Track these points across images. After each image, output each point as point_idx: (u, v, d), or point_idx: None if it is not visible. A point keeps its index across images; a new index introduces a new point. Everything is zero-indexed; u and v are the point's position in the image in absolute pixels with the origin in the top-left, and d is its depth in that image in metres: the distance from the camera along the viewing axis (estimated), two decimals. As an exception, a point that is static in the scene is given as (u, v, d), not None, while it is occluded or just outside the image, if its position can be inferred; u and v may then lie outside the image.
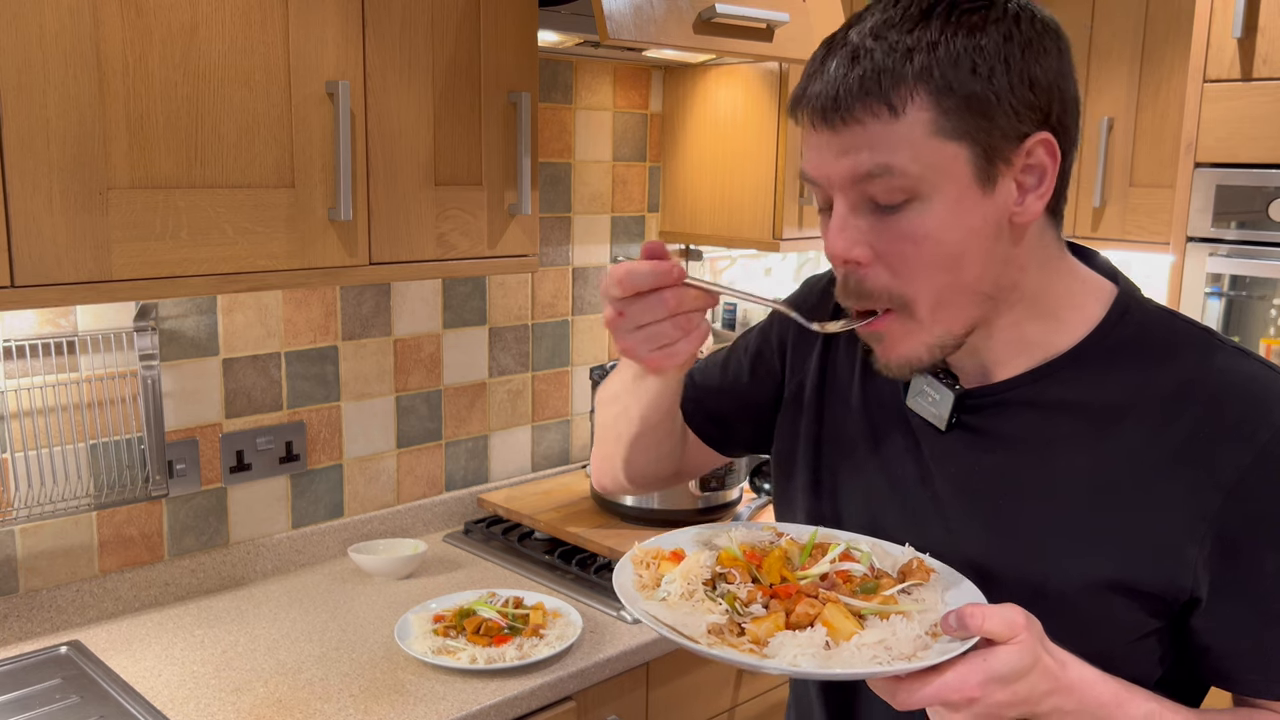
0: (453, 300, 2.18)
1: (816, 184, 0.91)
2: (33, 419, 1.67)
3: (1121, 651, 0.91)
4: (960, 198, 0.86)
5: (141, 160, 1.36)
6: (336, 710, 1.50)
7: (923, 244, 0.86)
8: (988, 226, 0.87)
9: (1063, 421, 0.93)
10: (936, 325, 0.90)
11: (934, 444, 0.99)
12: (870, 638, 0.81)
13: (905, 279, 0.88)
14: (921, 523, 0.99)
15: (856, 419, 1.07)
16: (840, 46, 0.86)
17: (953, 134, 0.84)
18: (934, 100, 0.83)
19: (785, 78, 2.23)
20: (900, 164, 0.84)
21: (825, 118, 0.86)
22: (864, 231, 0.88)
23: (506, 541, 2.11)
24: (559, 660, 1.64)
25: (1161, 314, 0.96)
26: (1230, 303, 2.11)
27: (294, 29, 1.46)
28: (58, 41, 1.26)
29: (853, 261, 0.89)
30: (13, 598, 1.69)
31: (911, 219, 0.86)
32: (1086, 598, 0.90)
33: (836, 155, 0.87)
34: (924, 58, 0.83)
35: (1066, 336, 0.94)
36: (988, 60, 0.83)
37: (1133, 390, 0.91)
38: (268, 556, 1.97)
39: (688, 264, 2.61)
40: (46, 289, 1.30)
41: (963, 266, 0.88)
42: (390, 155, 1.60)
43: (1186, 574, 0.88)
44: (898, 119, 0.83)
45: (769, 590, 0.87)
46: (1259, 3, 1.98)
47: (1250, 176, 2.03)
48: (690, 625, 0.84)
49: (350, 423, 2.06)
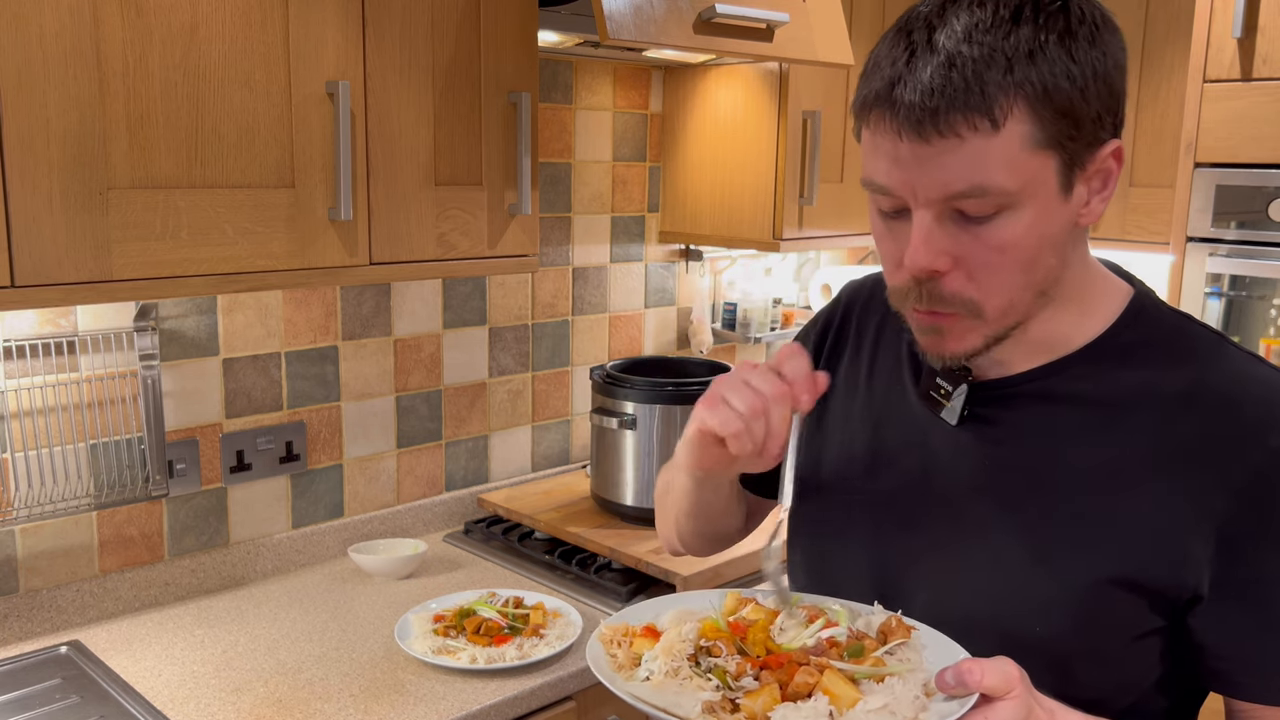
0: (453, 300, 2.18)
1: (893, 195, 0.86)
2: (33, 419, 1.67)
3: (1122, 650, 0.91)
4: (1045, 205, 0.85)
5: (141, 160, 1.36)
6: (336, 710, 1.50)
7: (1008, 252, 0.85)
8: (1061, 230, 0.87)
9: (1072, 415, 0.93)
10: (1000, 323, 0.90)
11: (943, 438, 0.99)
12: (874, 703, 0.79)
13: (982, 284, 0.87)
14: (926, 518, 0.99)
15: (861, 419, 1.07)
16: (929, 50, 0.81)
17: (1045, 144, 0.82)
18: (1032, 112, 0.81)
19: (785, 78, 2.23)
20: (998, 183, 0.82)
21: (918, 130, 0.81)
22: (947, 241, 0.85)
23: (506, 541, 2.11)
24: (559, 660, 1.64)
25: (1175, 316, 0.97)
26: (1230, 303, 2.11)
27: (294, 29, 1.46)
28: (58, 41, 1.26)
29: (933, 271, 0.86)
30: (13, 598, 1.69)
31: (1000, 229, 0.84)
32: (1090, 593, 0.89)
33: (927, 168, 0.83)
34: (1024, 68, 0.80)
35: (1084, 332, 0.95)
36: (1081, 68, 0.82)
37: (1143, 388, 0.92)
38: (268, 556, 1.97)
39: (687, 265, 2.61)
40: (46, 289, 1.30)
41: (1035, 269, 0.87)
42: (390, 155, 1.60)
43: (1190, 572, 0.88)
44: (997, 133, 0.80)
45: (757, 662, 0.85)
46: (1259, 3, 1.98)
47: (1250, 176, 2.03)
48: (682, 705, 0.81)
49: (350, 423, 2.06)
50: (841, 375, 1.12)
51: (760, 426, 0.91)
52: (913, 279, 0.88)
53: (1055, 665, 0.89)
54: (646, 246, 2.53)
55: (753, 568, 1.97)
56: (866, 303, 1.14)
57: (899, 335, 1.08)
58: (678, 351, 2.64)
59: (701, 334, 2.62)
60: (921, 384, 1.01)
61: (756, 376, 0.93)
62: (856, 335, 1.13)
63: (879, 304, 1.12)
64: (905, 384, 1.04)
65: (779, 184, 2.28)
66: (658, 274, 2.57)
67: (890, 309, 1.08)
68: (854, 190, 2.43)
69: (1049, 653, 0.89)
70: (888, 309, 1.09)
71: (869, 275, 1.18)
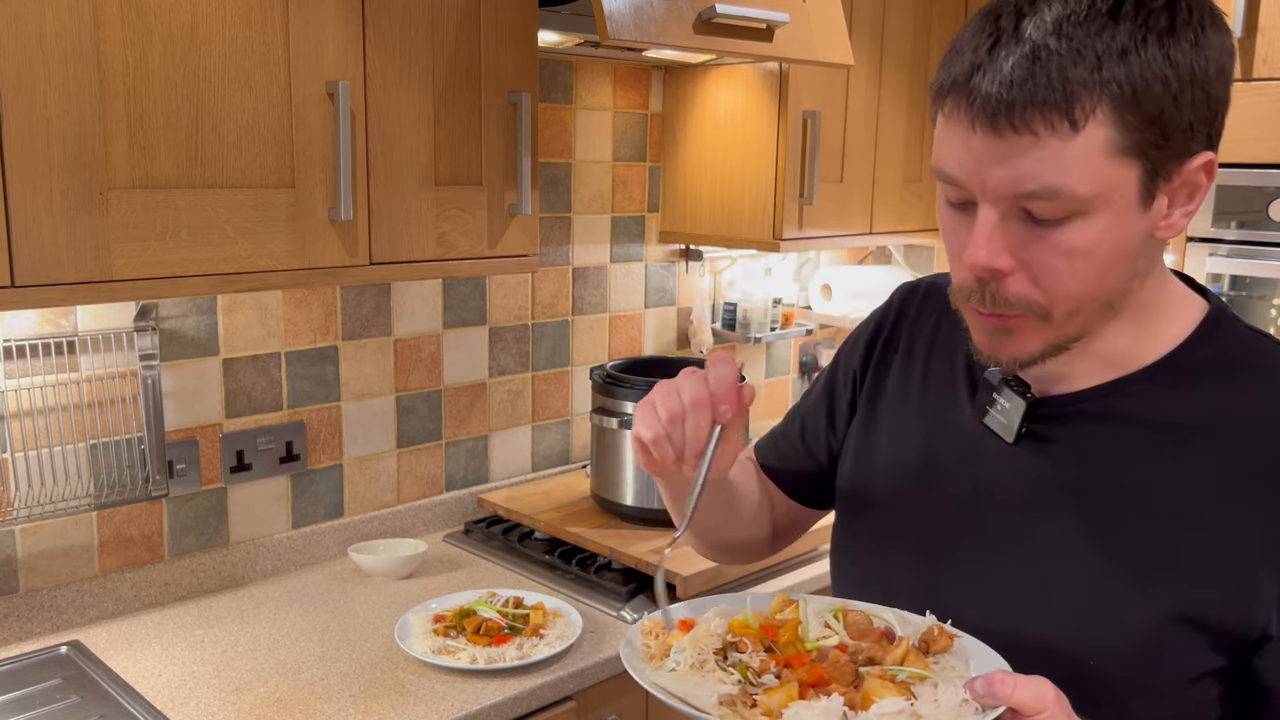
0: (453, 300, 2.18)
1: (961, 186, 0.82)
2: (33, 419, 1.67)
3: (1180, 688, 0.86)
4: (1121, 215, 0.80)
5: (141, 160, 1.36)
6: (336, 710, 1.50)
7: (1078, 260, 0.80)
8: (1136, 242, 0.82)
9: (1135, 436, 0.89)
10: (1065, 329, 0.85)
11: (999, 457, 0.95)
12: (891, 706, 0.78)
13: (1047, 290, 0.82)
14: (977, 537, 0.95)
15: (911, 429, 1.03)
16: (1014, 40, 0.77)
17: (1128, 151, 0.77)
18: (1116, 116, 0.76)
19: (785, 78, 2.23)
20: (1070, 187, 0.77)
21: (992, 122, 0.77)
22: (1011, 241, 0.81)
23: (506, 541, 2.11)
24: (559, 660, 1.64)
25: (1251, 334, 0.92)
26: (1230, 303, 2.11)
27: (294, 29, 1.46)
28: (58, 41, 1.26)
29: (994, 270, 0.82)
30: (13, 598, 1.69)
31: (1070, 235, 0.80)
32: (1151, 628, 0.85)
33: (997, 163, 0.78)
34: (1114, 67, 0.75)
35: (1152, 350, 0.90)
36: (1178, 74, 0.76)
37: (1212, 410, 0.87)
38: (268, 556, 1.97)
39: (687, 265, 2.61)
40: (47, 289, 1.30)
41: (1106, 281, 0.83)
42: (390, 155, 1.60)
43: (1259, 609, 0.83)
44: (1076, 134, 0.76)
45: (782, 660, 0.85)
46: (1259, 3, 1.98)
47: (1250, 176, 2.03)
48: (700, 697, 0.82)
49: (350, 423, 2.06)
50: (892, 381, 1.08)
51: (678, 433, 0.91)
52: (976, 279, 0.84)
53: (1108, 698, 0.85)
54: (646, 246, 2.53)
55: (758, 568, 1.97)
56: (920, 306, 1.09)
57: (954, 343, 1.03)
58: (678, 351, 2.64)
59: (701, 334, 2.62)
60: (978, 398, 0.97)
61: (685, 383, 0.92)
62: (909, 340, 1.08)
63: (932, 308, 1.08)
64: (960, 395, 1.00)
65: (779, 184, 2.28)
66: (658, 274, 2.57)
67: (944, 315, 1.05)
68: (854, 190, 2.43)
69: (1103, 685, 0.85)
70: (941, 314, 1.06)
71: (923, 278, 1.14)
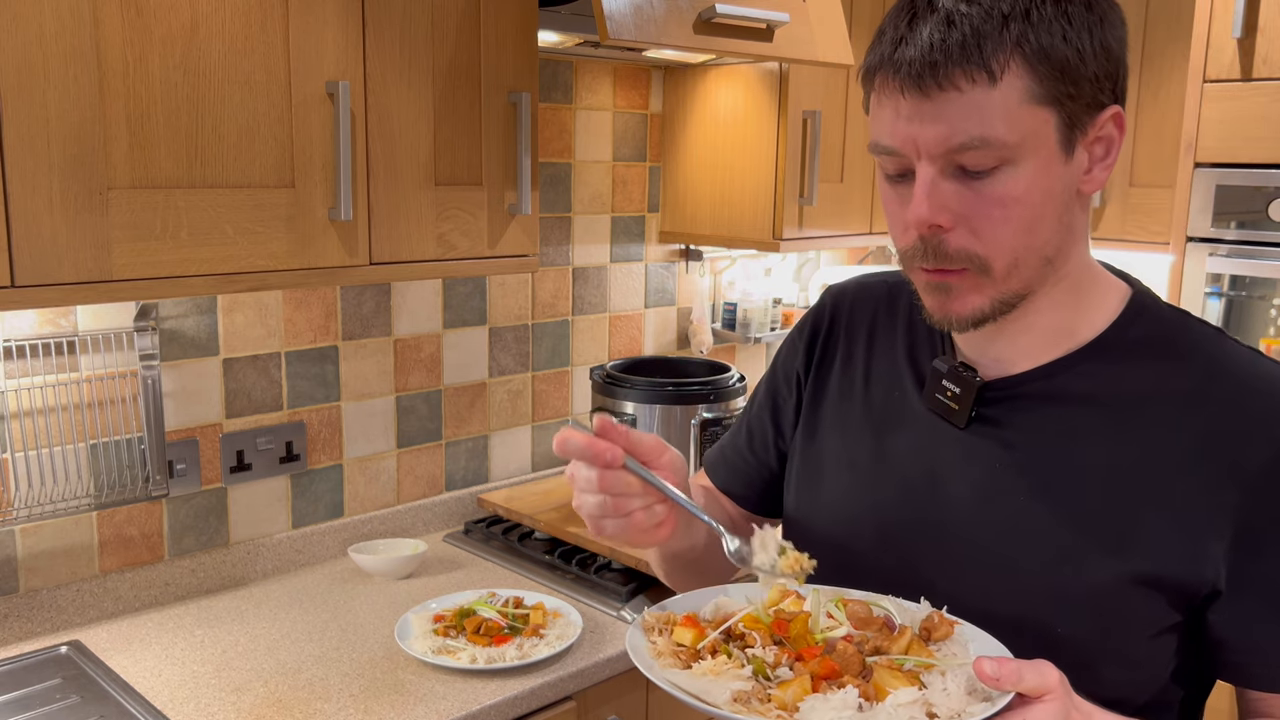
0: (453, 300, 2.18)
1: (896, 153, 0.88)
2: (33, 419, 1.67)
3: (1143, 647, 0.92)
4: (1046, 162, 0.87)
5: (141, 160, 1.36)
6: (336, 710, 1.50)
7: (1010, 207, 0.86)
8: (1064, 193, 0.89)
9: (1083, 415, 0.94)
10: (1007, 283, 0.90)
11: (952, 442, 0.99)
12: (906, 696, 0.79)
13: (987, 241, 0.88)
14: (938, 523, 0.98)
15: (860, 428, 1.06)
16: (929, 11, 0.85)
17: (1044, 100, 0.85)
18: (1029, 67, 0.84)
19: (785, 78, 2.23)
20: (998, 135, 0.84)
21: (919, 84, 0.84)
22: (949, 197, 0.87)
23: (506, 541, 2.11)
24: (559, 660, 1.64)
25: (1175, 313, 0.98)
26: (1230, 303, 2.11)
27: (294, 29, 1.46)
28: (58, 41, 1.26)
29: (936, 226, 0.88)
30: (13, 598, 1.69)
31: (1001, 183, 0.86)
32: (1112, 592, 0.90)
33: (928, 122, 0.85)
34: (1020, 24, 0.83)
35: (1087, 328, 0.95)
36: (1075, 28, 0.85)
37: (1151, 386, 0.93)
38: (268, 556, 1.97)
39: (687, 265, 2.61)
40: (47, 289, 1.30)
41: (1039, 229, 0.88)
42: (390, 155, 1.60)
43: (1208, 567, 0.89)
44: (994, 85, 0.83)
45: (793, 654, 0.85)
46: (1259, 3, 1.98)
47: (1250, 176, 2.03)
48: (713, 693, 0.81)
49: (350, 423, 2.06)
50: (834, 382, 1.11)
51: (602, 504, 0.94)
52: (919, 238, 0.89)
53: (1079, 665, 0.87)
54: (646, 246, 2.53)
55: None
56: (853, 306, 1.13)
57: (893, 338, 1.07)
58: (678, 351, 2.64)
59: (701, 334, 2.62)
60: (926, 386, 1.01)
61: (573, 470, 0.96)
62: (847, 341, 1.11)
63: (866, 306, 1.12)
64: (907, 387, 1.04)
65: (779, 184, 2.28)
66: (658, 274, 2.57)
67: (879, 312, 1.09)
68: (854, 190, 2.43)
69: (1074, 652, 0.89)
70: (876, 312, 1.10)
71: (851, 279, 1.17)
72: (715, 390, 2.15)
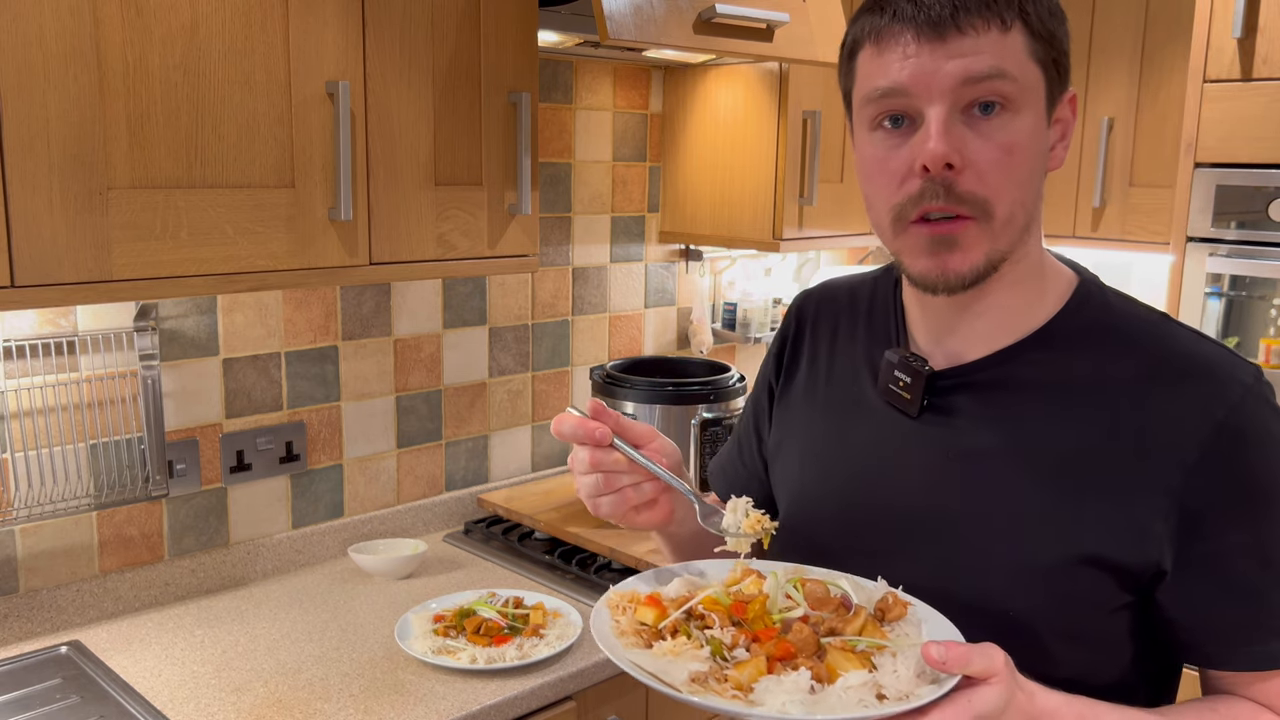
0: (453, 300, 2.18)
1: (905, 93, 0.91)
2: (33, 419, 1.67)
3: (1095, 627, 0.94)
4: (1038, 120, 0.92)
5: (141, 160, 1.36)
6: (336, 710, 1.50)
7: (1014, 153, 0.90)
8: (1043, 157, 0.94)
9: (1030, 401, 0.97)
10: (1004, 235, 0.93)
11: (906, 432, 1.01)
12: (855, 679, 0.81)
13: (992, 185, 0.90)
14: (894, 510, 1.01)
15: (824, 425, 1.10)
16: None
17: (1038, 58, 0.91)
18: (1028, 28, 0.90)
19: (785, 77, 2.23)
20: (1011, 69, 0.89)
21: (937, 29, 0.88)
22: (957, 140, 0.90)
23: (506, 541, 2.11)
24: (559, 660, 1.64)
25: (1121, 299, 1.01)
26: (1230, 303, 2.11)
27: (294, 29, 1.46)
28: (58, 41, 1.26)
29: (948, 166, 0.90)
30: (13, 598, 1.69)
31: (1007, 127, 0.90)
32: (1061, 573, 0.93)
33: (946, 60, 0.89)
34: None
35: (1039, 312, 0.98)
36: (1056, 10, 0.93)
37: (1096, 372, 0.95)
38: (268, 556, 1.97)
39: (687, 265, 2.61)
40: (46, 289, 1.30)
41: (1030, 184, 0.93)
42: (390, 155, 1.60)
43: (1153, 548, 0.91)
44: (1007, 32, 0.89)
45: (750, 634, 0.87)
46: (1259, 3, 1.98)
47: (1250, 176, 2.03)
48: (672, 673, 0.83)
49: (350, 423, 2.06)
50: (800, 384, 1.15)
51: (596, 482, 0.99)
52: (927, 180, 0.90)
53: (1031, 643, 0.92)
54: (646, 246, 2.53)
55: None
56: (818, 310, 1.17)
57: (854, 337, 1.11)
58: (678, 351, 2.64)
59: (702, 334, 2.62)
60: (880, 379, 1.04)
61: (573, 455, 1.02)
62: (812, 344, 1.16)
63: (830, 308, 1.16)
64: (863, 382, 1.07)
65: (779, 184, 2.28)
66: (658, 274, 2.57)
67: (843, 314, 1.14)
68: (854, 190, 2.43)
69: (1025, 631, 0.92)
70: (840, 314, 1.14)
71: (819, 284, 1.21)
72: (715, 390, 2.15)
